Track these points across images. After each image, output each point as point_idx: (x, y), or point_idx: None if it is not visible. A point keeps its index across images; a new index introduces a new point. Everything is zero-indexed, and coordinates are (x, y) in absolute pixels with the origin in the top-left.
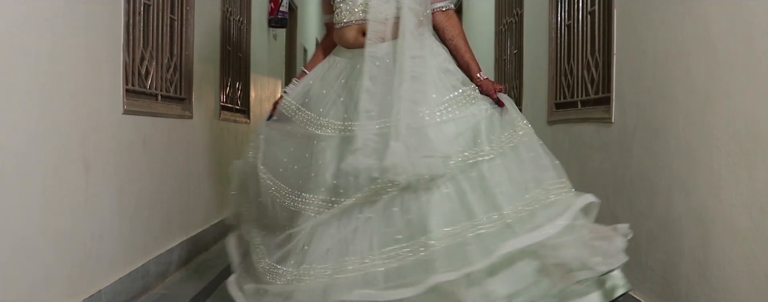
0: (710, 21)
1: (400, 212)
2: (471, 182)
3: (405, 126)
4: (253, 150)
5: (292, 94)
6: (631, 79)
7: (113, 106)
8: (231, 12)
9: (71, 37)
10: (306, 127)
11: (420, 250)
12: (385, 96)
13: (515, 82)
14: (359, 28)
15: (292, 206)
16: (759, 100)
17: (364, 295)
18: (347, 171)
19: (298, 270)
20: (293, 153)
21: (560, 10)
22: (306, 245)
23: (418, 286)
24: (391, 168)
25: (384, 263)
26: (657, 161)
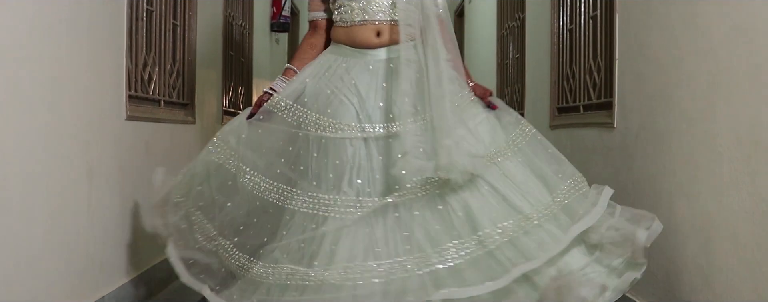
0: (712, 27)
1: (446, 210)
2: (499, 179)
3: (453, 125)
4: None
5: (285, 92)
6: (634, 84)
7: (116, 112)
8: (233, 17)
9: (75, 44)
10: (305, 127)
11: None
12: (421, 97)
13: (517, 86)
14: (375, 28)
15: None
16: (761, 106)
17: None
18: (397, 174)
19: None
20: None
21: (562, 14)
22: (333, 245)
23: (505, 277)
24: (445, 168)
25: (452, 259)
26: (659, 167)
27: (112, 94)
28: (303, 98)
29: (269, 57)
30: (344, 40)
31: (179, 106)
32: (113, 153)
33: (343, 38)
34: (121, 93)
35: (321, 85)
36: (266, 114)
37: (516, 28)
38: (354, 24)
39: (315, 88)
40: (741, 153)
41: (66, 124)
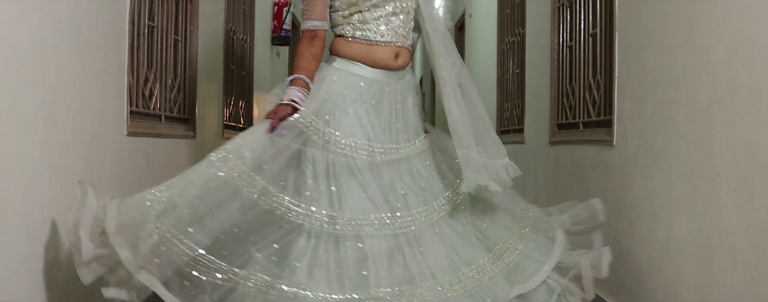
0: (711, 47)
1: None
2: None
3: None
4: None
5: (309, 108)
6: (633, 103)
7: (117, 128)
8: (234, 31)
9: (77, 60)
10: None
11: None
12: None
13: (517, 101)
14: (396, 50)
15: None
16: (759, 128)
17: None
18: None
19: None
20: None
21: (562, 31)
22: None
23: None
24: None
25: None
26: (658, 185)
27: (114, 110)
28: (325, 115)
29: (270, 70)
30: (362, 57)
31: (180, 120)
32: (114, 169)
33: (361, 55)
34: (123, 109)
35: (342, 104)
36: (289, 129)
37: (516, 44)
38: (377, 43)
39: (336, 106)
40: (739, 175)
41: (67, 140)
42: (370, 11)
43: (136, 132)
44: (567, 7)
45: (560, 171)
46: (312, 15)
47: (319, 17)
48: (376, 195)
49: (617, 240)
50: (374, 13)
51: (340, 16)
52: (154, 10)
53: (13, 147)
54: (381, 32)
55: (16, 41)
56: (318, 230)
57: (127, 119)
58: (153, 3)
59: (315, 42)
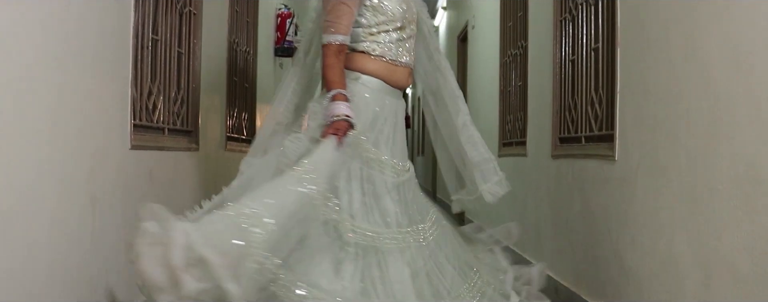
0: (712, 64)
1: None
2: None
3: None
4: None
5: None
6: (635, 118)
7: (121, 141)
8: (238, 43)
9: (81, 75)
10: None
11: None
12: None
13: (520, 113)
14: (409, 72)
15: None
16: (760, 145)
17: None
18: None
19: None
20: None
21: (564, 45)
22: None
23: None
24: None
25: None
26: (660, 200)
27: (117, 124)
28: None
29: (273, 81)
30: (385, 76)
31: (183, 133)
32: (117, 182)
33: (385, 74)
34: (126, 122)
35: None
36: (349, 146)
37: (518, 56)
38: (398, 64)
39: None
40: (740, 191)
41: (71, 153)
42: (396, 32)
43: (140, 145)
44: (569, 21)
45: (562, 184)
46: (340, 29)
47: (346, 32)
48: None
49: (619, 254)
50: (399, 34)
51: (365, 33)
52: (158, 23)
53: (17, 161)
54: (401, 53)
55: (22, 57)
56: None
57: (130, 132)
58: (157, 16)
59: (341, 56)
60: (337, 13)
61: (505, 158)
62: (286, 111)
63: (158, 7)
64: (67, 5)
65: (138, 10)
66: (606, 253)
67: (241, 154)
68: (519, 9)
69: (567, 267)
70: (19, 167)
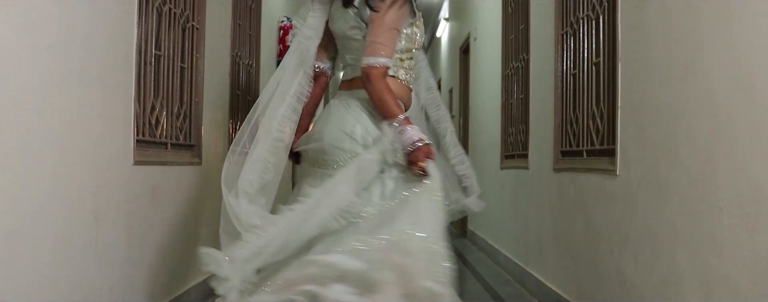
0: (712, 81)
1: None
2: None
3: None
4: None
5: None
6: (635, 133)
7: (124, 157)
8: (240, 56)
9: (85, 93)
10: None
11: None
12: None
13: (522, 126)
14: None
15: None
16: (760, 163)
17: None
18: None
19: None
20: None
21: (566, 58)
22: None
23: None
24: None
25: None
26: (661, 217)
27: (121, 140)
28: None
29: None
30: (405, 100)
31: (186, 147)
32: (120, 199)
33: (406, 98)
34: (129, 138)
35: None
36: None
37: (520, 69)
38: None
39: None
40: (740, 210)
41: (75, 171)
42: (413, 59)
43: (143, 161)
44: (570, 35)
45: (564, 198)
46: (390, 53)
47: (392, 56)
48: None
49: (621, 270)
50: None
51: (396, 58)
52: (161, 39)
53: (21, 180)
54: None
55: (26, 76)
56: None
57: (133, 148)
58: (160, 31)
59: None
60: (391, 37)
61: (508, 170)
62: (281, 127)
63: (161, 22)
64: (71, 24)
65: (141, 26)
66: (608, 268)
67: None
68: (520, 22)
69: (569, 281)
70: (23, 187)
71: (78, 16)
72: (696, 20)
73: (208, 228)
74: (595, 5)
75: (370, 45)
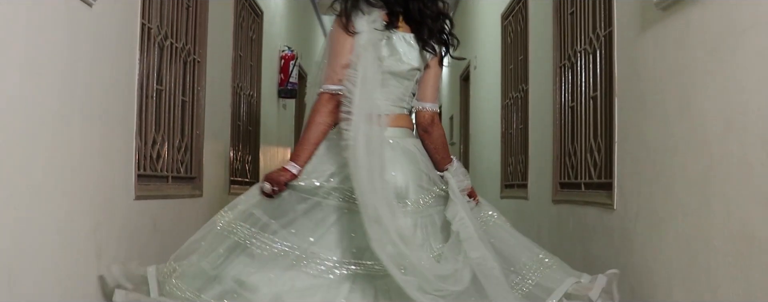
0: (706, 120)
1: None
2: None
3: None
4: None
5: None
6: (632, 168)
7: (125, 193)
8: (241, 87)
9: (87, 131)
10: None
11: None
12: None
13: (521, 156)
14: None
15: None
16: (753, 204)
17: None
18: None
19: None
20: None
21: (564, 91)
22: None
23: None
24: None
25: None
26: (657, 252)
27: (122, 176)
28: None
29: (276, 123)
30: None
31: (186, 179)
32: (121, 233)
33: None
34: (131, 173)
35: None
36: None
37: (519, 99)
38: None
39: None
40: (735, 248)
41: (76, 208)
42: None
43: (144, 195)
44: (568, 68)
45: (563, 230)
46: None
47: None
48: None
49: None
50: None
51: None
52: (163, 73)
53: (24, 218)
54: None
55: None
56: None
57: (134, 183)
58: (161, 66)
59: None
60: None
61: (508, 200)
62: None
63: (163, 57)
64: (75, 63)
65: (142, 62)
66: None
67: None
68: (520, 52)
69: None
70: (25, 225)
71: (82, 54)
72: (690, 59)
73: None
74: (593, 39)
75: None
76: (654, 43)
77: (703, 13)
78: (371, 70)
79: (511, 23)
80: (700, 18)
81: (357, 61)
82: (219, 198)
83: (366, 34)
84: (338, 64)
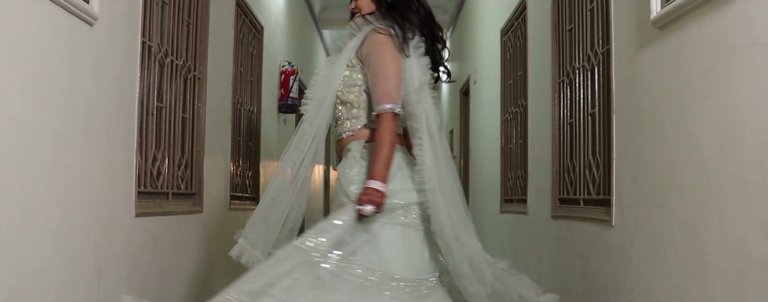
0: (703, 139)
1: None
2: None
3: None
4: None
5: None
6: (630, 186)
7: (126, 210)
8: (242, 102)
9: (88, 150)
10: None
11: None
12: None
13: (521, 171)
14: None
15: None
16: (749, 222)
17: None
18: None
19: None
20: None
21: (562, 107)
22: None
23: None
24: None
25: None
26: (655, 270)
27: (122, 194)
28: None
29: (277, 138)
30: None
31: (187, 196)
32: (122, 251)
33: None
34: (131, 191)
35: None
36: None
37: (519, 115)
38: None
39: None
40: (731, 266)
41: (77, 226)
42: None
43: (144, 212)
44: (567, 84)
45: (562, 246)
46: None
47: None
48: None
49: None
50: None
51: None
52: (163, 91)
53: (25, 238)
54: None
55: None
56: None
57: (135, 200)
58: (162, 84)
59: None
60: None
61: (507, 215)
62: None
63: (163, 74)
64: (76, 82)
65: (143, 80)
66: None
67: (245, 213)
68: (519, 68)
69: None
70: (27, 245)
71: (82, 73)
72: (686, 78)
73: (209, 275)
74: (591, 56)
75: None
76: (651, 61)
77: (699, 33)
78: (428, 93)
79: (511, 38)
80: (697, 37)
81: (414, 83)
82: (219, 213)
83: (415, 58)
84: (397, 85)
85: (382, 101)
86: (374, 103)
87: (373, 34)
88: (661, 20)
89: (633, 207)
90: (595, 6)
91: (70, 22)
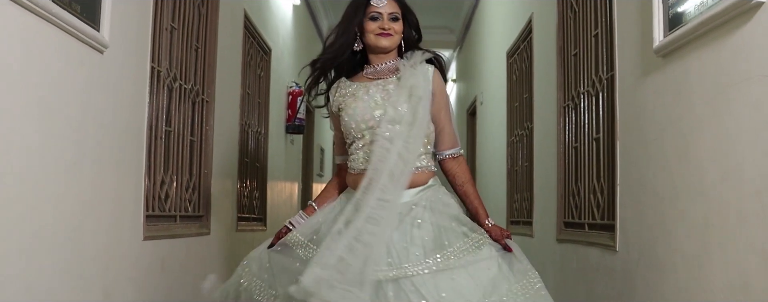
0: (705, 169)
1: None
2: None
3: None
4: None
5: (301, 230)
6: (634, 211)
7: (134, 234)
8: (249, 125)
9: (98, 176)
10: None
11: None
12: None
13: (526, 194)
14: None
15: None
16: (749, 255)
17: None
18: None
19: None
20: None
21: (567, 131)
22: None
23: None
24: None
25: None
26: (659, 297)
27: (131, 218)
28: (314, 236)
29: (284, 158)
30: (352, 185)
31: (194, 218)
32: (130, 275)
33: (351, 183)
34: (139, 215)
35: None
36: (283, 247)
37: (525, 137)
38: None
39: (325, 228)
40: (732, 297)
41: (86, 251)
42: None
43: (152, 235)
44: (572, 109)
45: (567, 270)
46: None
47: (340, 152)
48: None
49: None
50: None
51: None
52: (172, 115)
53: (36, 265)
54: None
55: (38, 165)
56: None
57: (143, 224)
58: (170, 108)
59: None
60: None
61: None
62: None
63: (172, 98)
64: (85, 110)
65: (152, 104)
66: None
67: (253, 234)
68: (525, 90)
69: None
70: (37, 271)
71: (93, 100)
72: (688, 107)
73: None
74: (595, 82)
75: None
76: (654, 89)
77: (701, 63)
78: None
79: (517, 61)
80: (699, 68)
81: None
82: (227, 235)
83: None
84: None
85: (458, 144)
86: (450, 143)
87: (437, 74)
88: (664, 49)
89: (636, 234)
90: (600, 32)
91: (82, 50)
